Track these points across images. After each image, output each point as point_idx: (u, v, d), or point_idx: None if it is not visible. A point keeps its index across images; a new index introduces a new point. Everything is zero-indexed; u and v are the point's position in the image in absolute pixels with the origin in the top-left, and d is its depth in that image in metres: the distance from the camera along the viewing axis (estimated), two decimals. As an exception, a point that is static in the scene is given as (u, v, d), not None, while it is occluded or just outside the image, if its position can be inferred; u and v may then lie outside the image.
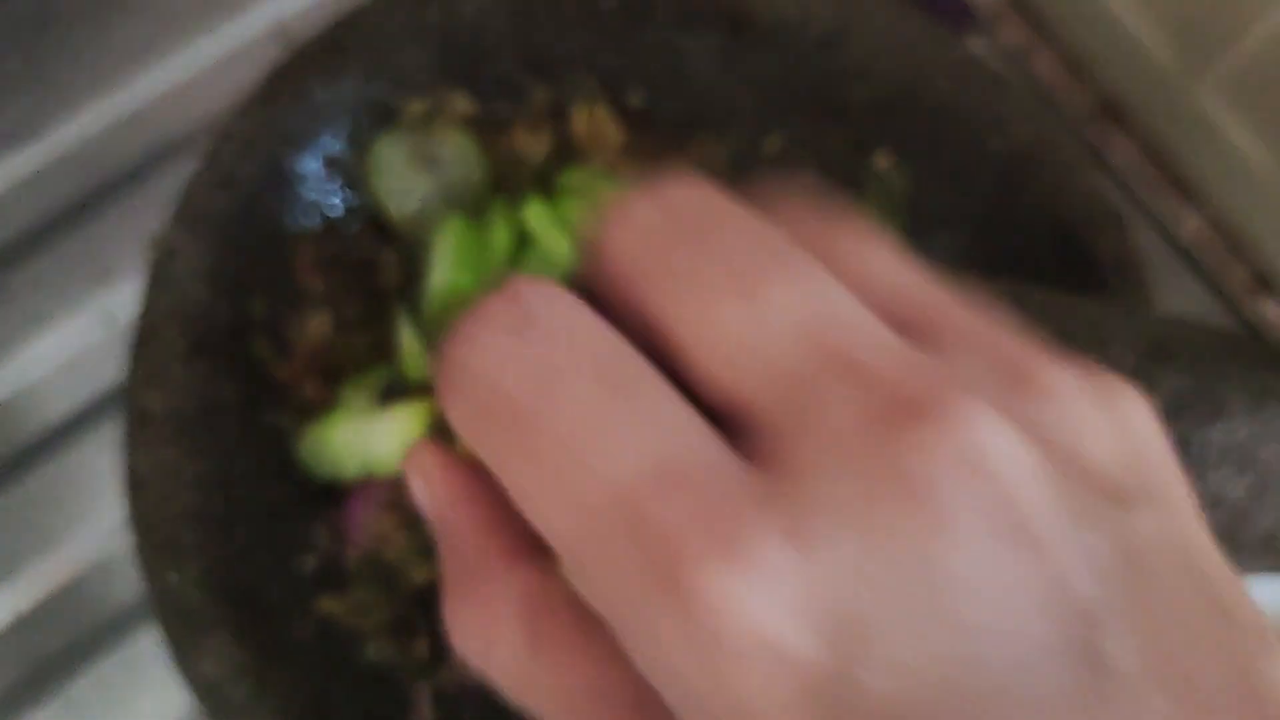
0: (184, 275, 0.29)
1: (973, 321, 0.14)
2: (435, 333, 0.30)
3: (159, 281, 0.28)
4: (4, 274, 0.36)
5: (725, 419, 0.13)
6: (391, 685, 0.29)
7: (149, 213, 0.36)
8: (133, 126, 0.37)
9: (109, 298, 0.35)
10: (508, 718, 0.29)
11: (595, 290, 0.15)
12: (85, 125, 0.36)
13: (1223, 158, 0.37)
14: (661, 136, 0.33)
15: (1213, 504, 0.18)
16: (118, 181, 0.36)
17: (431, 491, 0.16)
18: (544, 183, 0.32)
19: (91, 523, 0.36)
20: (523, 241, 0.30)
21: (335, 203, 0.31)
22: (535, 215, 0.30)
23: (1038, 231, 0.31)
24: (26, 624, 0.36)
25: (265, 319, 0.30)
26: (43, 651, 0.36)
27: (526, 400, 0.13)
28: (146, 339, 0.28)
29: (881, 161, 0.32)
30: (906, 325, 0.14)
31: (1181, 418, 0.19)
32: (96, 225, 0.36)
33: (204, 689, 0.27)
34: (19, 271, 0.36)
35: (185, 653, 0.27)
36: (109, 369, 0.35)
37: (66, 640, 0.36)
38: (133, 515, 0.28)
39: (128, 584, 0.35)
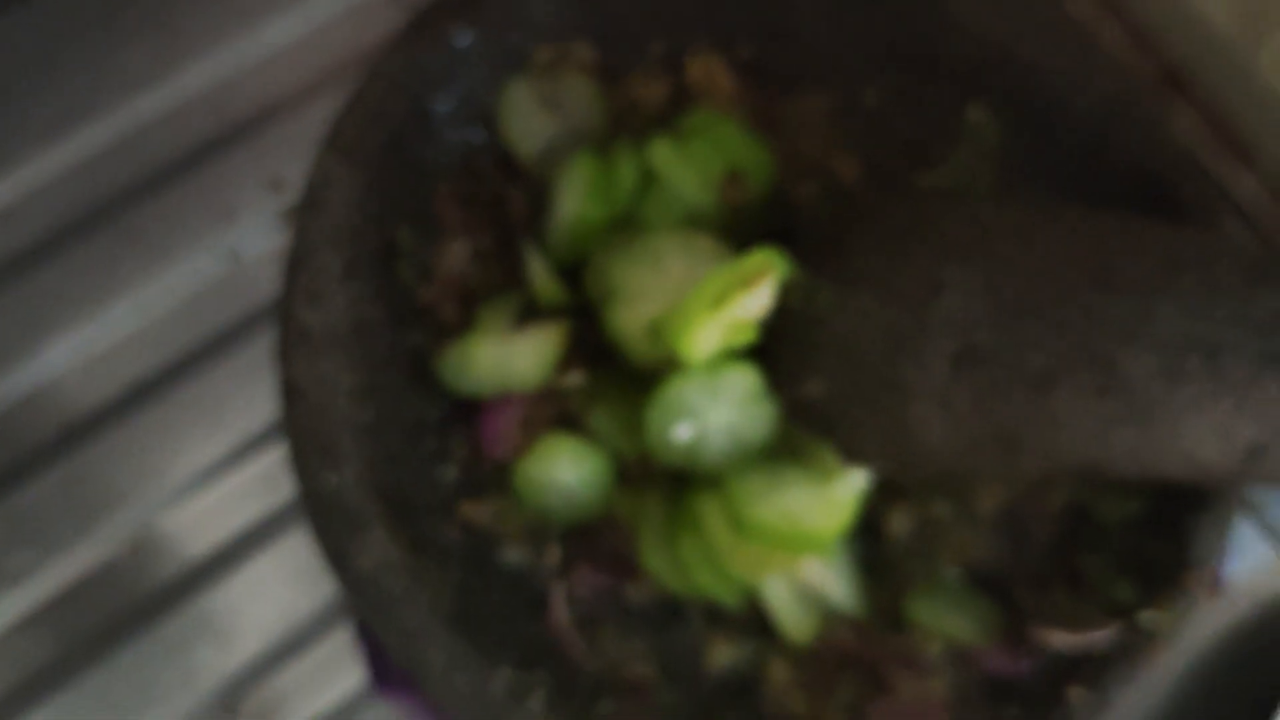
0: (338, 202, 0.30)
1: None
2: (564, 261, 0.32)
3: (315, 206, 0.30)
4: (133, 212, 0.37)
5: None
6: (530, 585, 0.30)
7: (272, 156, 0.38)
8: (254, 75, 0.38)
9: (232, 236, 0.37)
10: (636, 618, 0.31)
11: None
12: (208, 73, 0.38)
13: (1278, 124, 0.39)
14: (769, 87, 0.35)
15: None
16: (241, 127, 0.38)
17: None
18: (661, 127, 0.34)
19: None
20: (647, 179, 0.32)
21: (470, 141, 0.33)
22: (661, 153, 0.32)
23: (1123, 181, 0.33)
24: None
25: (409, 246, 0.32)
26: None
27: None
28: (303, 259, 0.30)
29: (975, 114, 0.34)
30: None
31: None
32: (220, 167, 0.38)
33: (360, 582, 0.28)
34: (147, 209, 0.37)
35: (343, 549, 0.29)
36: (232, 304, 0.37)
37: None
38: (290, 422, 0.29)
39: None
